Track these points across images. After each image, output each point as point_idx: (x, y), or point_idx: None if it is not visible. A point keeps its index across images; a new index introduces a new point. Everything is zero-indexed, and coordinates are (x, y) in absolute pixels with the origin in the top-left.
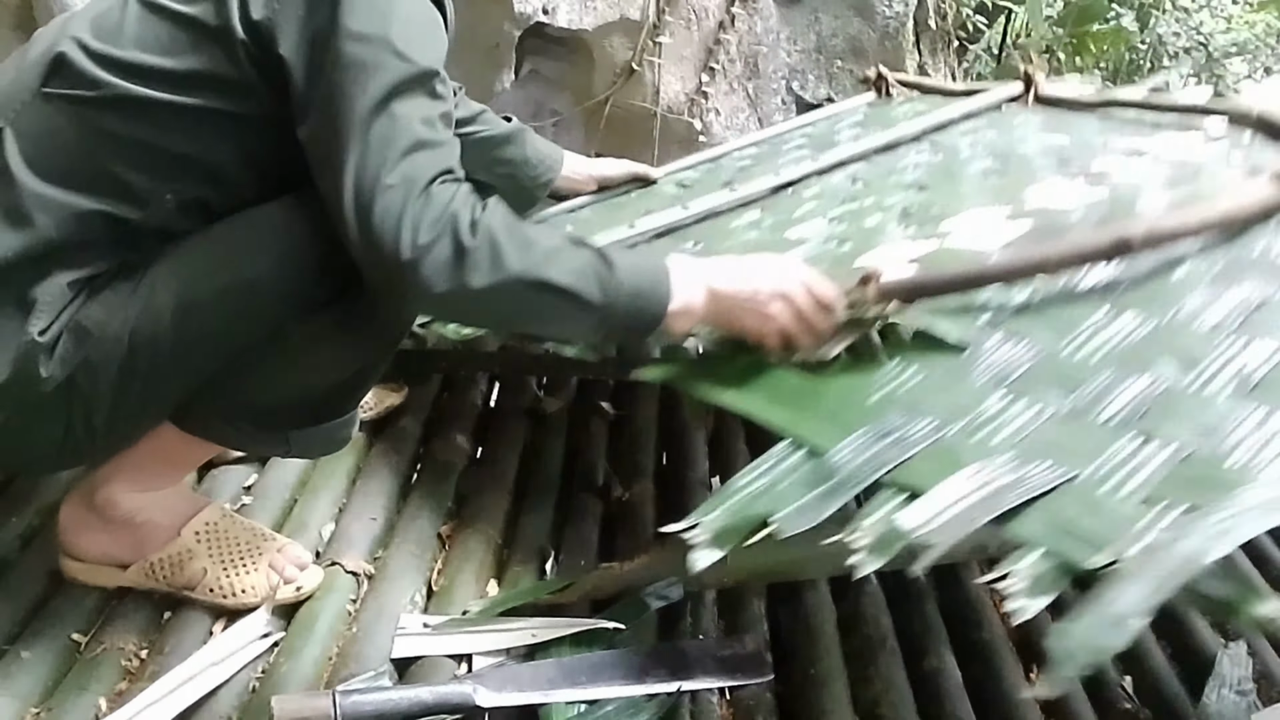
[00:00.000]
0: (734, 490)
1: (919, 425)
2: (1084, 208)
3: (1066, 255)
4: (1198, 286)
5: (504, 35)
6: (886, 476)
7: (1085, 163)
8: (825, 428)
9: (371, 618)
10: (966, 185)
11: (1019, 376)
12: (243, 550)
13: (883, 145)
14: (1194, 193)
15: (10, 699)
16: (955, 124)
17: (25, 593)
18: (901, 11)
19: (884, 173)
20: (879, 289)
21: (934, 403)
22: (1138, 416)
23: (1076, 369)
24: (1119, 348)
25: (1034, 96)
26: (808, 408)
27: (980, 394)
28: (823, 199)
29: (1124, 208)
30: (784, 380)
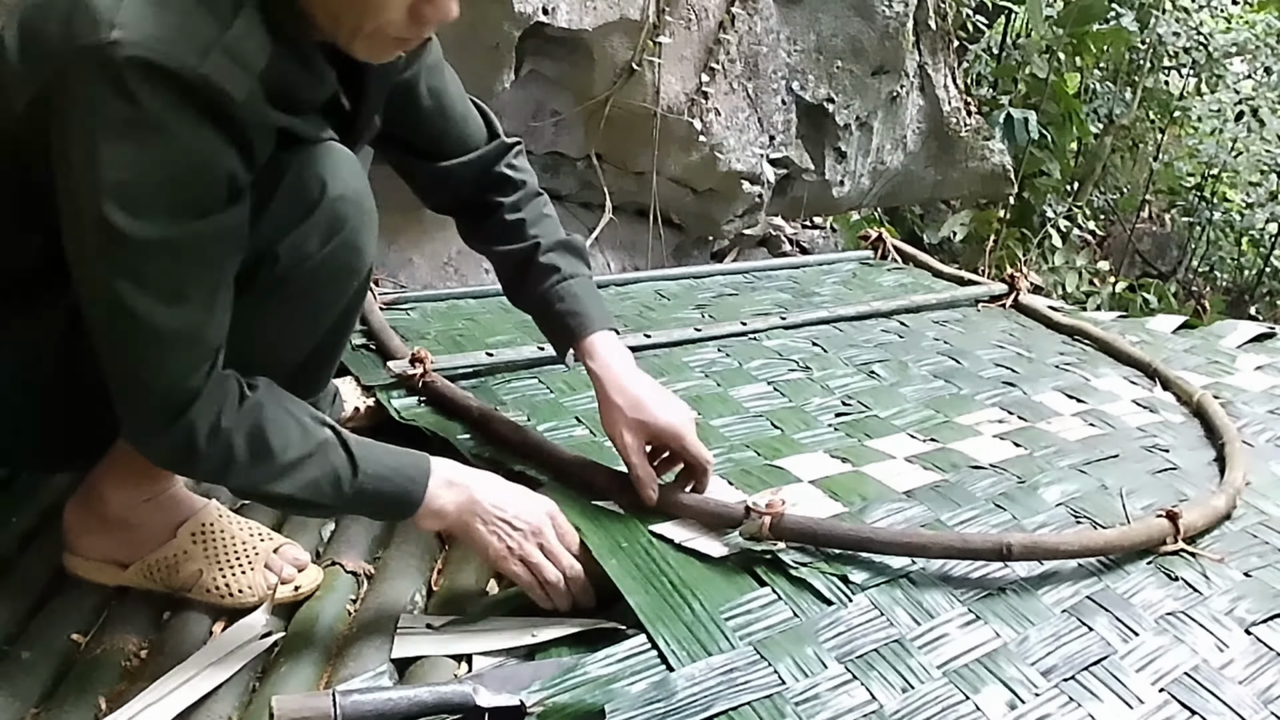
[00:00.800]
0: (581, 671)
1: (759, 673)
2: (993, 473)
3: (950, 546)
4: (1053, 615)
5: (504, 35)
6: (716, 717)
7: (1027, 394)
8: (681, 637)
9: (371, 618)
10: (909, 388)
11: (863, 655)
12: (239, 551)
13: (854, 315)
14: (1098, 482)
15: (10, 699)
16: (931, 309)
17: (25, 593)
18: (901, 11)
19: (844, 343)
20: (772, 527)
21: (782, 653)
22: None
23: (915, 668)
24: (960, 663)
25: (1014, 301)
26: (673, 608)
27: (824, 661)
28: (779, 357)
29: (1026, 492)
30: (666, 568)
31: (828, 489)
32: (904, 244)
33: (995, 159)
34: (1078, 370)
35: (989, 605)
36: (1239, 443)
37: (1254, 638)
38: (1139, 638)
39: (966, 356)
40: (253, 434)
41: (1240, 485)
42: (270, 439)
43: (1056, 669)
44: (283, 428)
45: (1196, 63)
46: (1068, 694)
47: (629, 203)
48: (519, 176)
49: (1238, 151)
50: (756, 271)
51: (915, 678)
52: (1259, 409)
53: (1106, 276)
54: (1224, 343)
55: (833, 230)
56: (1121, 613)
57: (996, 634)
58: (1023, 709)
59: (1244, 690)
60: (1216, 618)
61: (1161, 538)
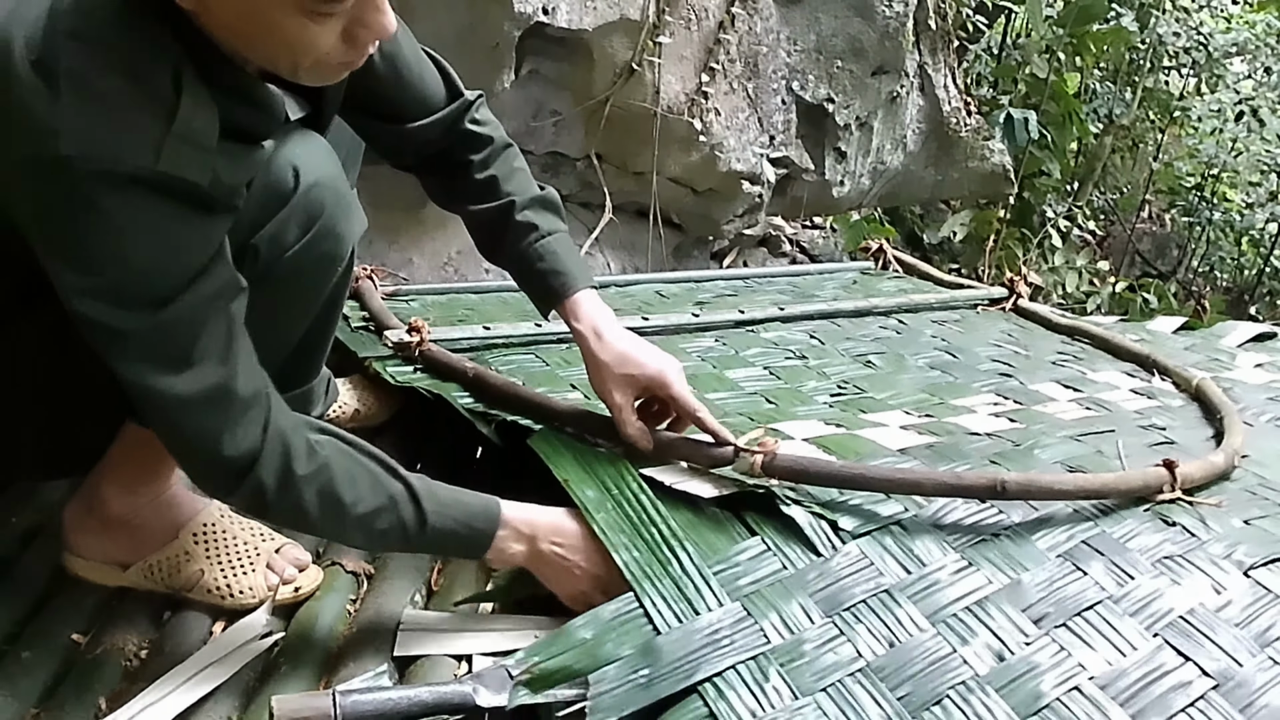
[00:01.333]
0: (568, 635)
1: (747, 632)
2: (988, 438)
3: (943, 483)
4: (1048, 560)
5: (504, 35)
6: (701, 684)
7: (1024, 383)
8: (668, 595)
9: (371, 618)
10: (906, 376)
11: (850, 607)
12: (241, 551)
13: (853, 310)
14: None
15: (10, 699)
16: (930, 309)
17: (25, 593)
18: (901, 11)
19: (841, 337)
20: (764, 465)
21: (768, 608)
22: (930, 703)
23: (903, 619)
24: (949, 611)
25: (1013, 305)
26: (662, 563)
27: (810, 615)
28: (776, 347)
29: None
30: (655, 518)
31: (822, 445)
32: (904, 254)
33: (995, 159)
34: (1075, 365)
35: (981, 551)
36: (1237, 417)
37: (1253, 580)
38: (1134, 581)
39: (964, 352)
40: (324, 490)
41: (1239, 448)
42: (342, 494)
43: (1049, 616)
44: (353, 481)
45: (1196, 63)
46: (1059, 643)
47: (629, 203)
48: (485, 131)
49: (1238, 151)
50: (757, 278)
51: (903, 629)
52: (1258, 396)
53: (1106, 276)
54: (1224, 342)
55: (833, 230)
56: (1117, 557)
57: (989, 580)
58: (1011, 660)
59: (1240, 632)
60: (1215, 561)
61: (1159, 485)
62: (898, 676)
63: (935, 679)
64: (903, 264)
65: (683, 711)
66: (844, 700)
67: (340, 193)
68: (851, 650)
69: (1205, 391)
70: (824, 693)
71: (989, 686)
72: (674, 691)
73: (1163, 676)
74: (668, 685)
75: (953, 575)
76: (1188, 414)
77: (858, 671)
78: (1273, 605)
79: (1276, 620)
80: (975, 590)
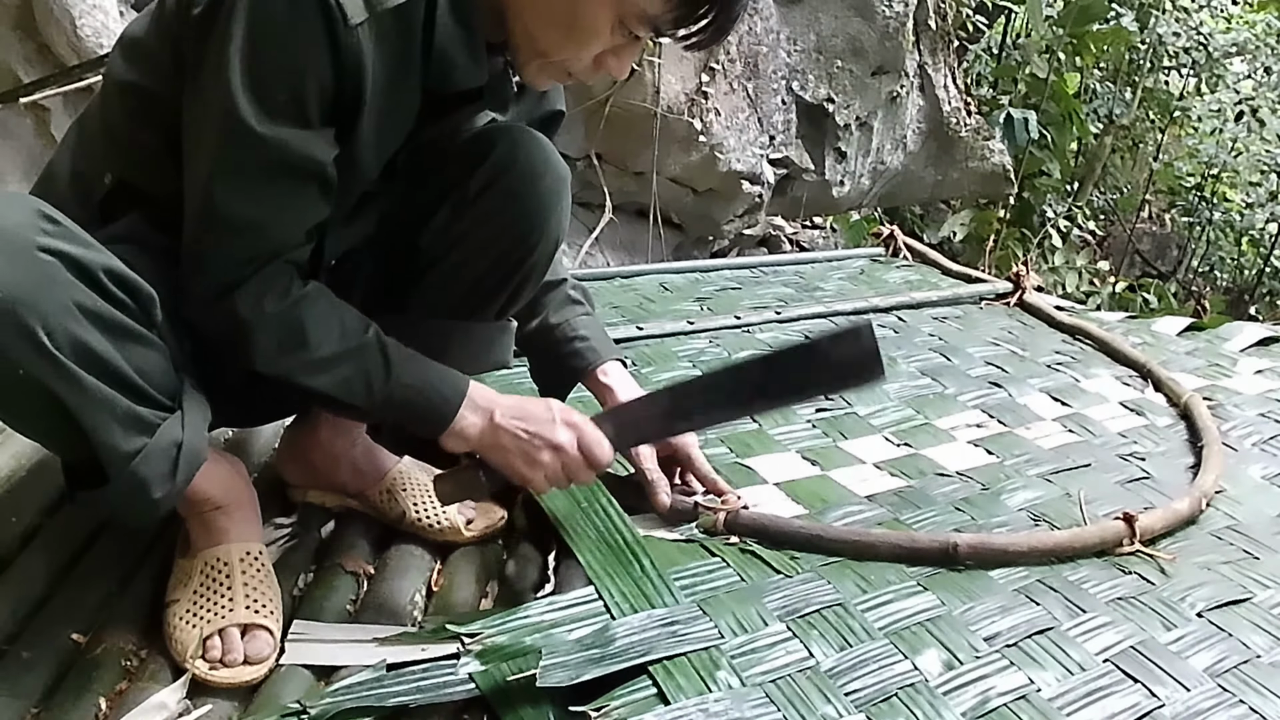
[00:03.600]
0: (523, 614)
1: (700, 627)
2: (958, 480)
3: (896, 545)
4: (1002, 592)
5: None
6: (651, 665)
7: (1012, 395)
8: (627, 591)
9: (371, 618)
10: (894, 385)
11: (805, 615)
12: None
13: (851, 310)
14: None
15: (10, 699)
16: (932, 305)
17: (25, 593)
18: (901, 11)
19: None
20: (727, 522)
21: (725, 610)
22: (878, 700)
23: (856, 629)
24: (902, 625)
25: (1019, 300)
26: (623, 564)
27: (765, 619)
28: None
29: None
30: (621, 528)
31: (791, 492)
32: (915, 241)
33: (995, 159)
34: (1069, 371)
35: (937, 579)
36: (1218, 446)
37: (1206, 619)
38: (1086, 615)
39: (958, 354)
40: (291, 324)
41: (1209, 490)
42: (308, 331)
43: (1000, 635)
44: (324, 323)
45: (1196, 63)
46: (1009, 659)
47: (629, 203)
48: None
49: (1238, 151)
50: (764, 266)
51: (855, 637)
52: (1249, 412)
53: (1106, 276)
54: (1228, 345)
55: (833, 230)
56: (1071, 595)
57: (942, 602)
58: (960, 669)
59: (1190, 663)
60: (1167, 603)
61: (1117, 540)
62: (848, 676)
63: (885, 681)
64: (913, 251)
65: (632, 688)
66: (792, 692)
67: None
68: (804, 651)
69: (1192, 413)
70: (774, 684)
71: (938, 690)
72: (625, 668)
73: (1110, 695)
74: (619, 662)
75: (907, 596)
76: (1173, 436)
77: (809, 670)
78: (1222, 641)
79: (1227, 654)
80: (928, 609)
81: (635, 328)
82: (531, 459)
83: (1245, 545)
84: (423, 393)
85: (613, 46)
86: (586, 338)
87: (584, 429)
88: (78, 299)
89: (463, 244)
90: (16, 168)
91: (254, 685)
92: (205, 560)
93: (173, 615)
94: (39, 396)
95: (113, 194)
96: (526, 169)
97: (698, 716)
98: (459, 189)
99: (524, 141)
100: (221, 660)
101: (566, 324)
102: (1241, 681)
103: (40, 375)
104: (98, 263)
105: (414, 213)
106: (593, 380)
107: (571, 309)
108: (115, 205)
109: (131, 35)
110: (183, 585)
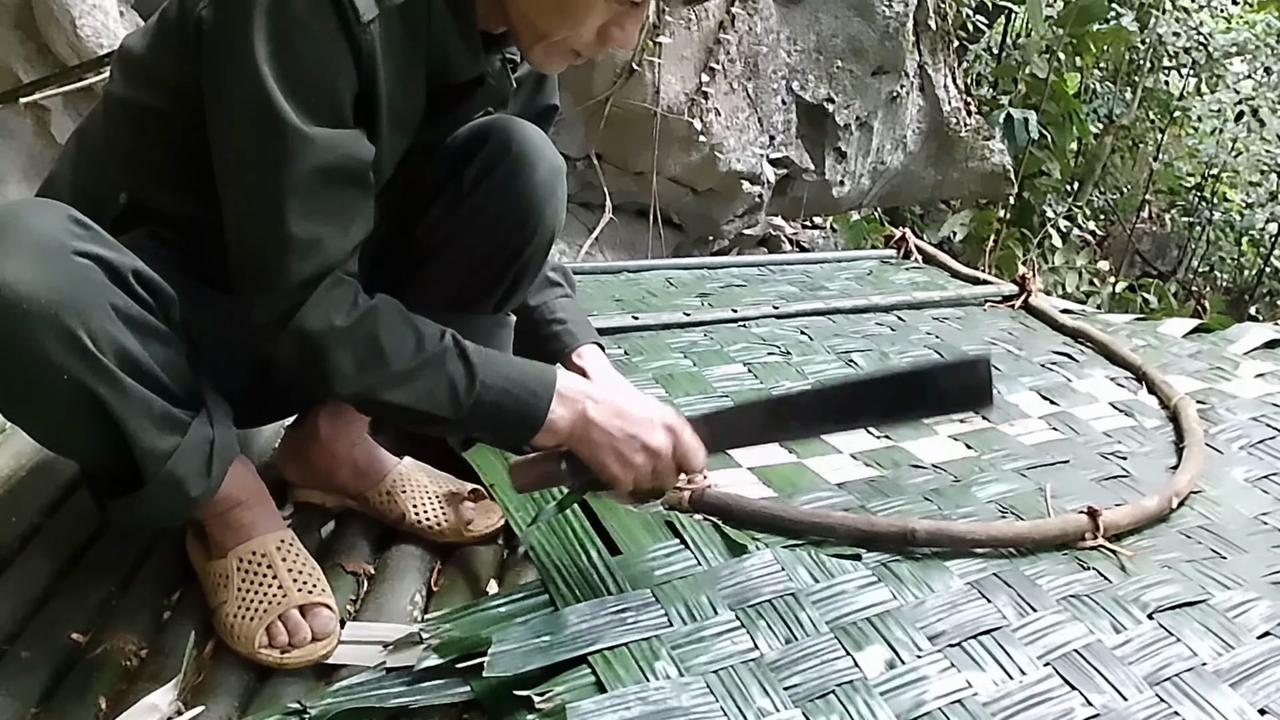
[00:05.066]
0: (479, 608)
1: (652, 614)
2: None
3: (854, 528)
4: (955, 585)
5: None
6: (593, 654)
7: (1001, 393)
8: (574, 581)
9: (371, 618)
10: None
11: (755, 605)
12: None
13: (851, 308)
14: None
15: (10, 699)
16: (935, 306)
17: (25, 593)
18: (901, 11)
19: (831, 333)
20: (692, 500)
21: (677, 596)
22: (815, 695)
23: (804, 621)
24: (850, 620)
25: (1024, 302)
26: (571, 555)
27: (716, 607)
28: (763, 343)
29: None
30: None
31: (764, 476)
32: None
33: (995, 159)
34: (1063, 371)
35: (893, 568)
36: (1199, 447)
37: (1156, 623)
38: (1036, 614)
39: (951, 352)
40: (366, 338)
41: (1182, 489)
42: (384, 344)
43: (945, 634)
44: (398, 333)
45: (1196, 63)
46: (950, 659)
47: (629, 203)
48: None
49: (1238, 151)
50: (771, 265)
51: (802, 630)
52: (1242, 415)
53: (1106, 276)
54: (1233, 348)
55: (833, 230)
56: (1024, 591)
57: (894, 595)
58: (901, 669)
59: (1132, 670)
60: (1121, 603)
61: (1079, 533)
62: (790, 670)
63: (825, 676)
64: (924, 254)
65: (572, 677)
66: (733, 683)
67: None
68: (749, 642)
69: (1180, 415)
70: (715, 675)
71: (875, 689)
72: (571, 657)
73: (1045, 702)
74: (565, 651)
75: (859, 588)
76: (1159, 438)
77: (751, 661)
78: (1169, 646)
79: (1171, 661)
80: (879, 604)
81: (631, 318)
82: (625, 459)
83: (1214, 545)
84: (511, 393)
85: (613, 16)
86: (564, 320)
87: (681, 434)
88: (113, 301)
89: (460, 235)
90: (16, 168)
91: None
92: (239, 557)
93: (225, 615)
94: (80, 401)
95: (125, 213)
96: (521, 159)
97: (635, 704)
98: (454, 180)
99: (518, 132)
100: (290, 644)
101: (545, 306)
102: (1181, 691)
103: (84, 379)
104: (126, 265)
105: (411, 206)
106: (568, 363)
107: (550, 291)
108: (128, 225)
109: (131, 51)
110: (223, 586)
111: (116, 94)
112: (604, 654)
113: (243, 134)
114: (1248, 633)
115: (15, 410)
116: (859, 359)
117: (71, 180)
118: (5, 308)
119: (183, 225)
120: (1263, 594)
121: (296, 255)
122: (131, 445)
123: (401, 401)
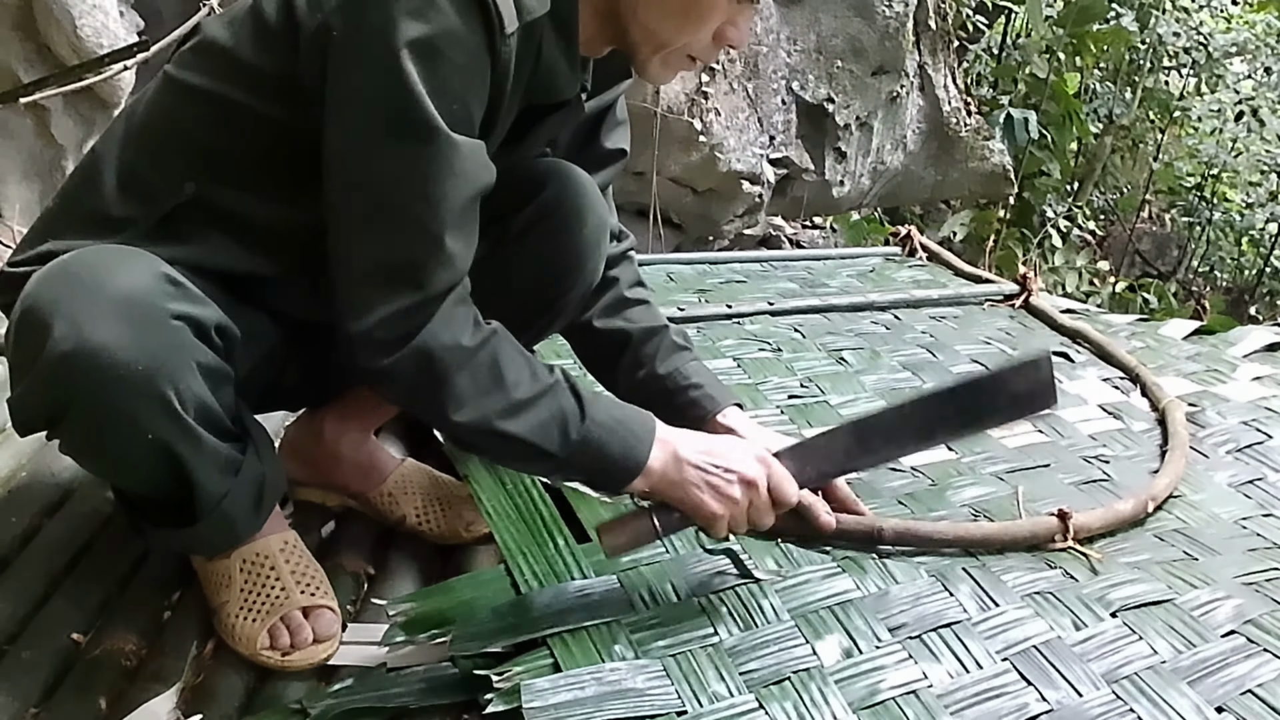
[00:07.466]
0: (445, 589)
1: (615, 599)
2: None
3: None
4: (920, 578)
5: None
6: (552, 635)
7: None
8: (539, 569)
9: (371, 618)
10: (872, 378)
11: (718, 592)
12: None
13: (848, 305)
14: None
15: (10, 699)
16: (933, 304)
17: (25, 593)
18: (901, 11)
19: (824, 331)
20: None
21: (642, 583)
22: (770, 681)
23: (765, 609)
24: (811, 609)
25: (1024, 302)
26: (539, 543)
27: (679, 593)
28: (754, 339)
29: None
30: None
31: None
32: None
33: (995, 159)
34: (1056, 372)
35: (858, 560)
36: (1181, 451)
37: (1120, 621)
38: (998, 609)
39: (944, 350)
40: (489, 362)
41: (1159, 493)
42: (504, 370)
43: (905, 626)
44: (515, 361)
45: (1196, 63)
46: (908, 650)
47: (629, 203)
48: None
49: (1238, 151)
50: (775, 260)
51: (762, 618)
52: (1232, 420)
53: (1106, 276)
54: (1232, 351)
55: (833, 230)
56: (989, 586)
57: (857, 585)
58: (858, 658)
59: (1090, 667)
60: (1085, 601)
61: (1049, 535)
62: (746, 655)
63: (782, 663)
64: (929, 252)
65: (531, 658)
66: (689, 666)
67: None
68: (709, 627)
69: (1167, 418)
70: (672, 659)
71: (830, 677)
72: (534, 637)
73: (1000, 697)
74: (528, 631)
75: (824, 578)
76: (1145, 441)
77: (710, 646)
78: (1131, 644)
79: (1131, 659)
80: (842, 593)
81: None
82: (723, 494)
83: (1187, 547)
84: (617, 432)
85: (729, 15)
86: (700, 385)
87: (773, 465)
88: (199, 359)
89: (496, 276)
90: (16, 168)
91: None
92: (243, 558)
93: (227, 616)
94: (158, 455)
95: (187, 205)
96: (571, 214)
97: (590, 684)
98: (501, 224)
99: (572, 183)
100: (292, 645)
101: (677, 372)
102: (1137, 689)
103: (167, 437)
104: (211, 320)
105: None
106: (715, 428)
107: (680, 356)
108: (188, 216)
109: (216, 42)
110: (225, 587)
111: (193, 83)
112: (562, 636)
113: (385, 140)
114: (1212, 631)
115: (82, 454)
116: (849, 356)
117: (121, 161)
118: (101, 371)
119: (247, 223)
120: (1232, 593)
121: (443, 266)
122: (195, 488)
123: (516, 432)
